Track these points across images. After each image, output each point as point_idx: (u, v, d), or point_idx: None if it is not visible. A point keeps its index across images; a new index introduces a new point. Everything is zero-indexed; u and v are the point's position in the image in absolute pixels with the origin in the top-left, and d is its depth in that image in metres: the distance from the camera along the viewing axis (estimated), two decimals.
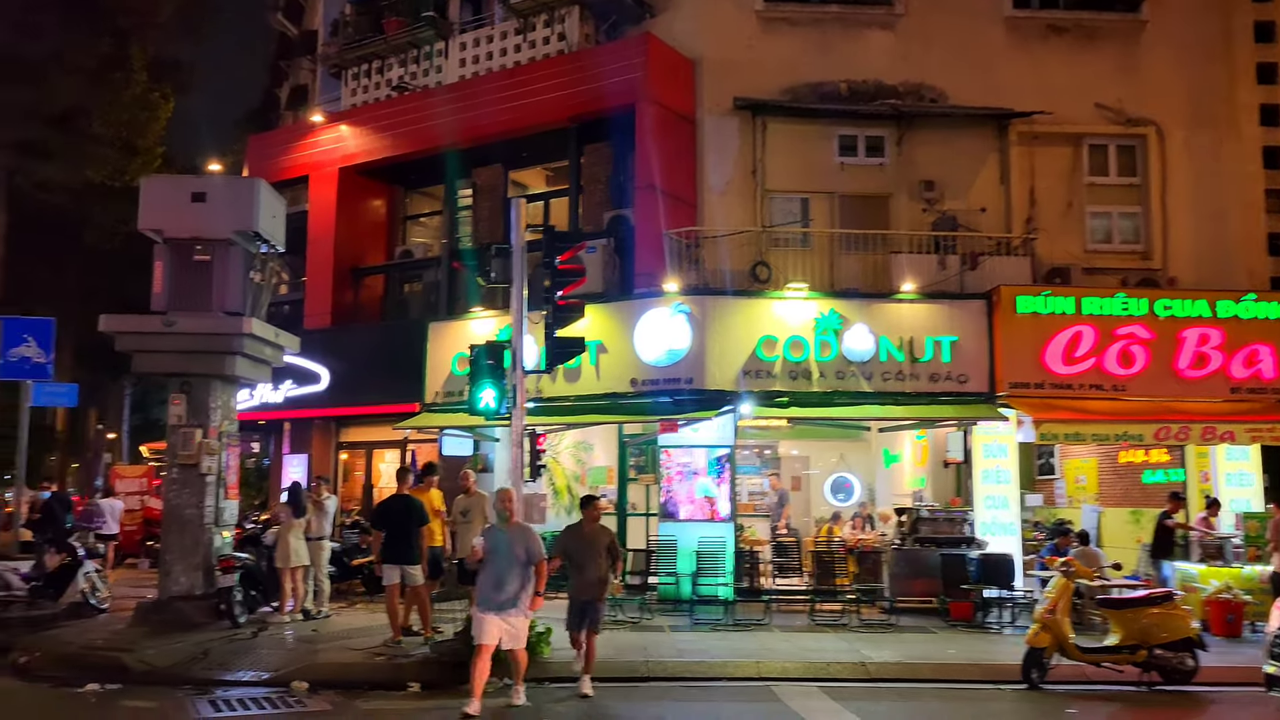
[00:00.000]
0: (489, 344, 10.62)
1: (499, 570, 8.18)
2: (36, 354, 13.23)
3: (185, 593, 12.10)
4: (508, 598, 8.15)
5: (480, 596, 8.27)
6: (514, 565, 8.19)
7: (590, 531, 9.30)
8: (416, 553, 11.18)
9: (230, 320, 12.31)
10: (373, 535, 11.87)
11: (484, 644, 8.06)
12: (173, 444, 12.50)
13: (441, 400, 15.81)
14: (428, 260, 17.84)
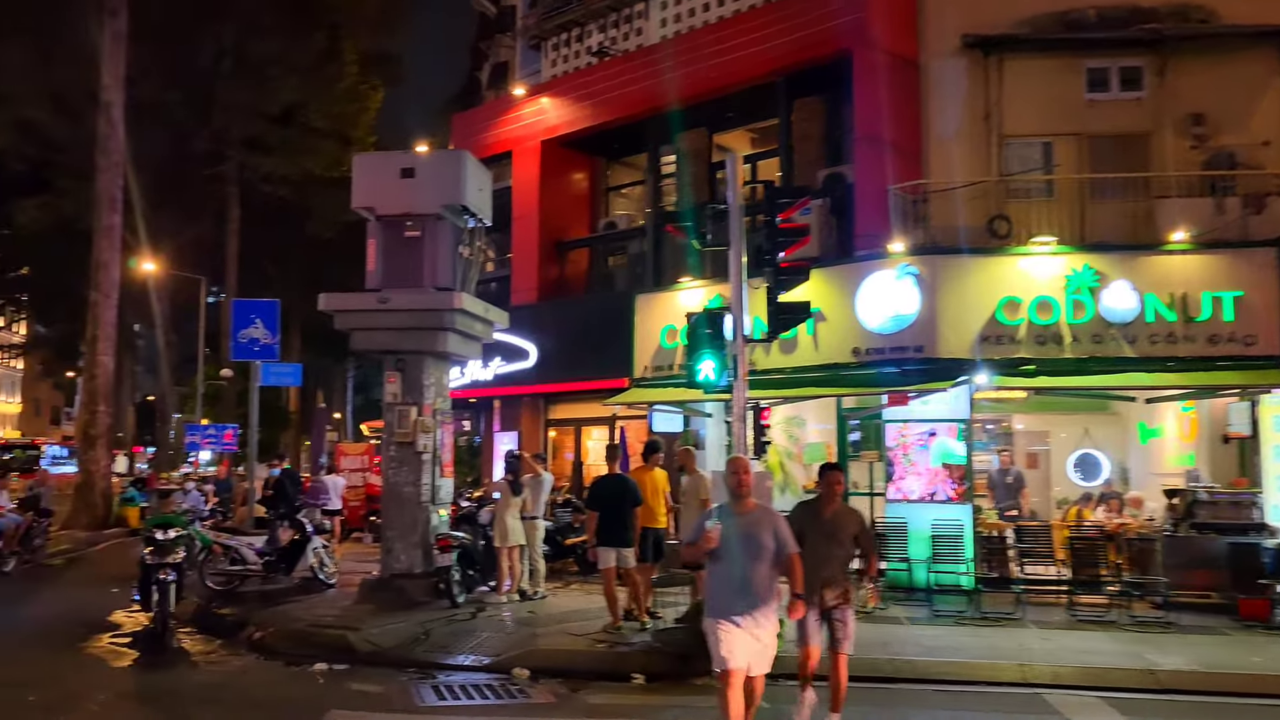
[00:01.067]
0: (708, 312, 9.86)
1: (737, 566, 6.05)
2: (264, 335, 13.57)
3: (405, 570, 12.07)
4: (753, 602, 6.02)
5: (713, 602, 6.19)
6: (757, 558, 6.05)
7: (833, 514, 7.15)
8: (630, 534, 10.64)
9: (441, 296, 12.13)
10: (586, 515, 11.44)
11: (733, 669, 5.95)
12: (389, 422, 12.49)
13: (651, 375, 15.24)
14: (632, 231, 17.31)
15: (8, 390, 72.26)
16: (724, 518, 6.18)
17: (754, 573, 6.05)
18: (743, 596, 6.01)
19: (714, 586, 6.21)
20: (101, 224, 23.97)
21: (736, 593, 6.03)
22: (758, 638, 6.04)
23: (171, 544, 10.67)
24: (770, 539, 6.11)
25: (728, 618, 5.99)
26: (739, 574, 6.04)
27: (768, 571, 6.11)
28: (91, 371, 23.60)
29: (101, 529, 22.64)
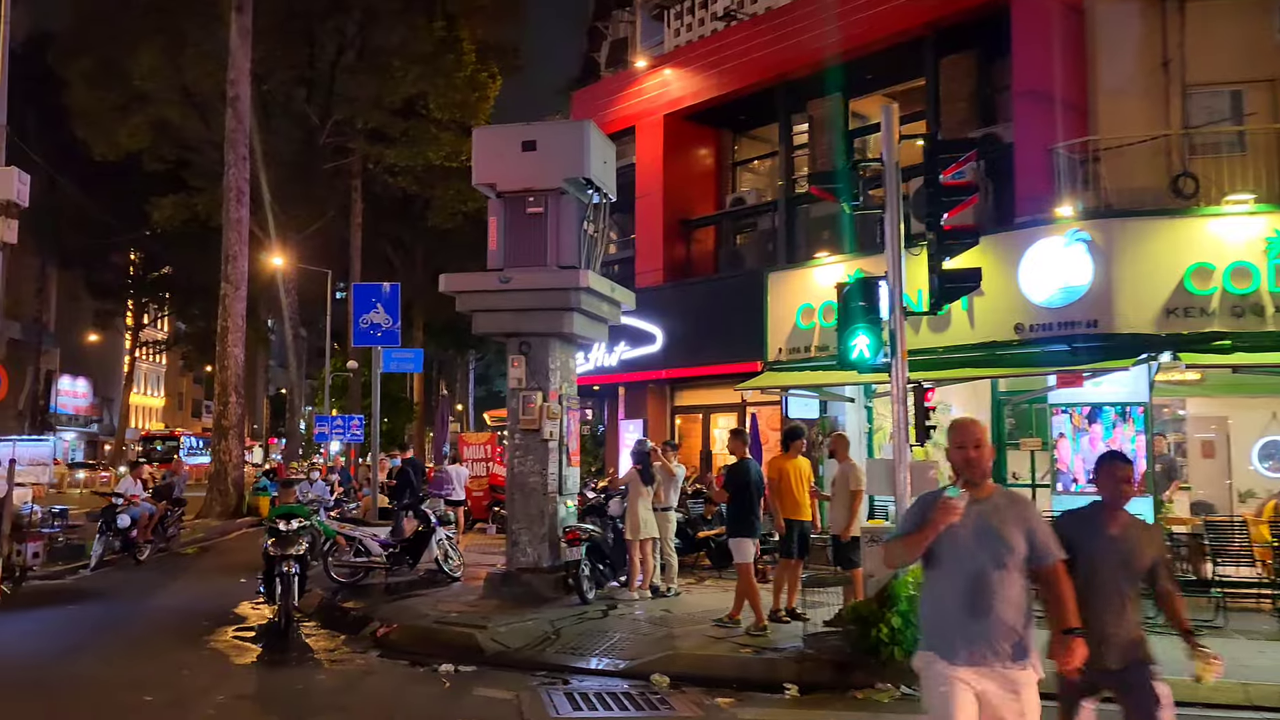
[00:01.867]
0: (862, 281, 8.85)
1: (968, 573, 3.89)
2: (385, 320, 13.17)
3: (532, 565, 11.47)
4: (996, 633, 3.84)
5: (931, 628, 4.06)
6: (1002, 564, 3.87)
7: (1123, 528, 4.41)
8: (758, 525, 9.82)
9: (566, 274, 11.45)
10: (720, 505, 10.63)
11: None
12: (513, 409, 11.90)
13: (785, 358, 14.27)
14: (761, 206, 16.34)
15: (153, 385, 75.79)
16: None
17: (998, 586, 3.83)
18: (977, 619, 3.83)
19: (931, 604, 4.07)
20: (230, 217, 24.31)
21: (967, 614, 3.85)
22: (1006, 697, 3.83)
23: (294, 535, 10.31)
24: (1021, 537, 3.89)
25: (953, 657, 3.86)
26: (972, 586, 3.85)
27: (1019, 586, 3.89)
28: (223, 363, 23.98)
29: (234, 518, 22.98)
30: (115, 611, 11.42)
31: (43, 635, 10.04)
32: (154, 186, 34.49)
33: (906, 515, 4.11)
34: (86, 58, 30.02)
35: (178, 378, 77.89)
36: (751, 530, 9.82)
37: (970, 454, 3.98)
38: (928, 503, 4.00)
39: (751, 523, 9.84)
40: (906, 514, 4.11)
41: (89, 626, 10.55)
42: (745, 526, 9.81)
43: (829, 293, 13.55)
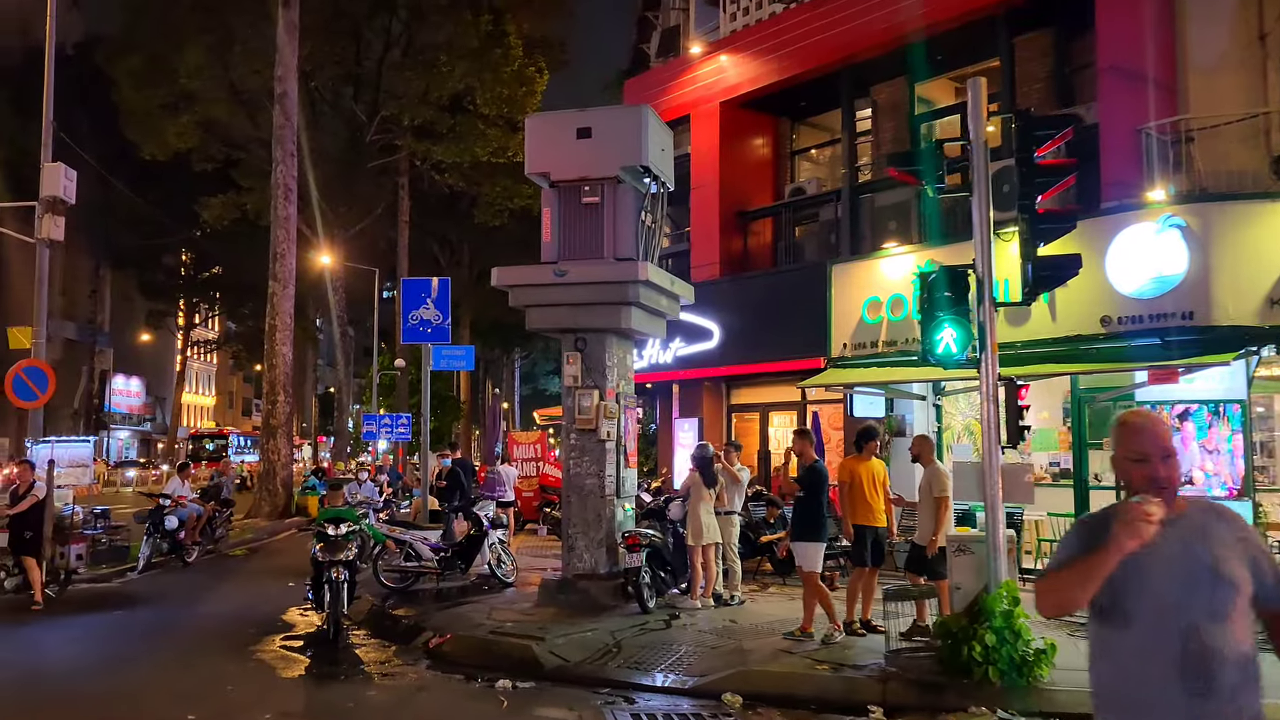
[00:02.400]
0: (948, 270, 8.22)
1: (1182, 634, 2.59)
2: (435, 316, 12.72)
3: (589, 571, 10.97)
4: (1217, 707, 2.57)
5: (1115, 707, 2.73)
6: (1219, 607, 2.61)
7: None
8: (824, 529, 9.22)
9: (623, 266, 10.91)
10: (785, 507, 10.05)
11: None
12: (568, 407, 11.40)
13: (850, 353, 13.60)
14: (823, 196, 15.67)
15: (204, 384, 76.70)
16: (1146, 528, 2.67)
17: (1221, 645, 2.59)
18: (1194, 699, 2.57)
19: (1113, 673, 2.74)
20: (278, 215, 24.13)
21: (1179, 692, 2.58)
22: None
23: (343, 540, 9.89)
24: (1244, 569, 2.66)
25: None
26: (1183, 650, 2.58)
27: (1249, 643, 2.63)
28: (271, 361, 23.80)
29: (283, 518, 22.77)
30: (160, 618, 11.09)
31: (85, 642, 9.73)
32: (203, 186, 34.62)
33: (1066, 540, 2.92)
34: (134, 56, 30.08)
35: (228, 377, 78.75)
36: (821, 535, 9.28)
37: (1158, 469, 2.71)
38: (1099, 521, 2.76)
39: (823, 527, 9.31)
40: (1065, 539, 2.92)
41: (133, 634, 10.22)
42: (816, 530, 9.25)
43: (897, 285, 12.91)
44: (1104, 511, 2.82)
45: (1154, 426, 2.84)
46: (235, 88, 30.37)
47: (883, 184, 14.34)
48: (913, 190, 13.97)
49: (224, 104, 30.51)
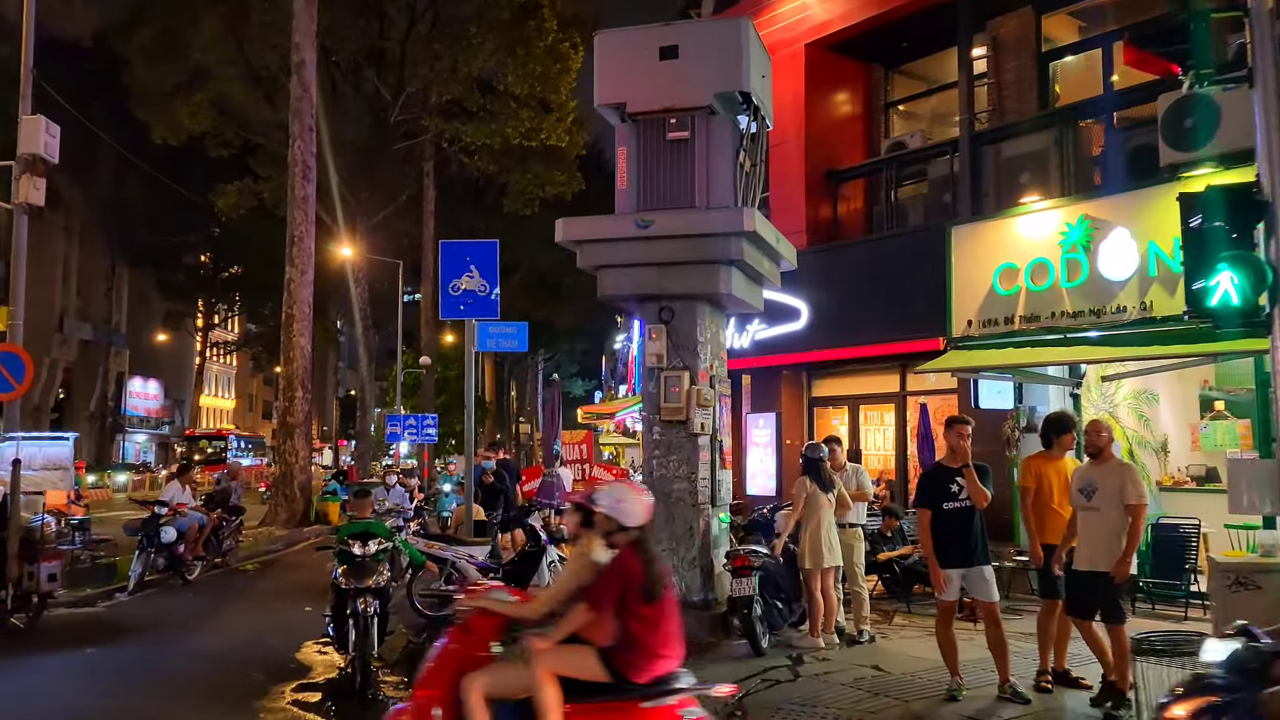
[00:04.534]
0: (1224, 189, 5.90)
1: None
2: (480, 286, 10.51)
3: (680, 598, 8.67)
4: None
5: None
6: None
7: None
8: (983, 549, 6.87)
9: (724, 215, 8.69)
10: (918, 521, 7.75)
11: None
12: (650, 394, 9.17)
13: (978, 332, 11.31)
14: (930, 150, 13.36)
15: (223, 387, 75.04)
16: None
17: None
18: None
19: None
20: (295, 194, 22.07)
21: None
22: None
23: (372, 561, 7.69)
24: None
25: None
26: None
27: None
28: (289, 354, 21.70)
29: (300, 526, 20.68)
30: (144, 656, 8.91)
31: (44, 695, 7.55)
32: (221, 177, 32.75)
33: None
34: (145, 31, 28.22)
35: (248, 379, 77.11)
36: (955, 557, 6.90)
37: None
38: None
39: (960, 547, 6.91)
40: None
41: (104, 679, 8.03)
42: (947, 552, 6.93)
43: (1040, 247, 10.63)
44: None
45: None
46: (250, 64, 28.43)
47: (1009, 131, 12.03)
48: (1051, 134, 11.68)
49: (238, 83, 28.57)
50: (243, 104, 29.37)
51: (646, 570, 4.31)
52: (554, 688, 4.20)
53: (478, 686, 4.32)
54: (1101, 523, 6.82)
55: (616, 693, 4.27)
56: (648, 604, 4.26)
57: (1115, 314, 10.01)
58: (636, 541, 4.39)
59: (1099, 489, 7.04)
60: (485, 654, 4.54)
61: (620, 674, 4.25)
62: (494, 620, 4.65)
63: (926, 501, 7.04)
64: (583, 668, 4.27)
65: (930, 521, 6.97)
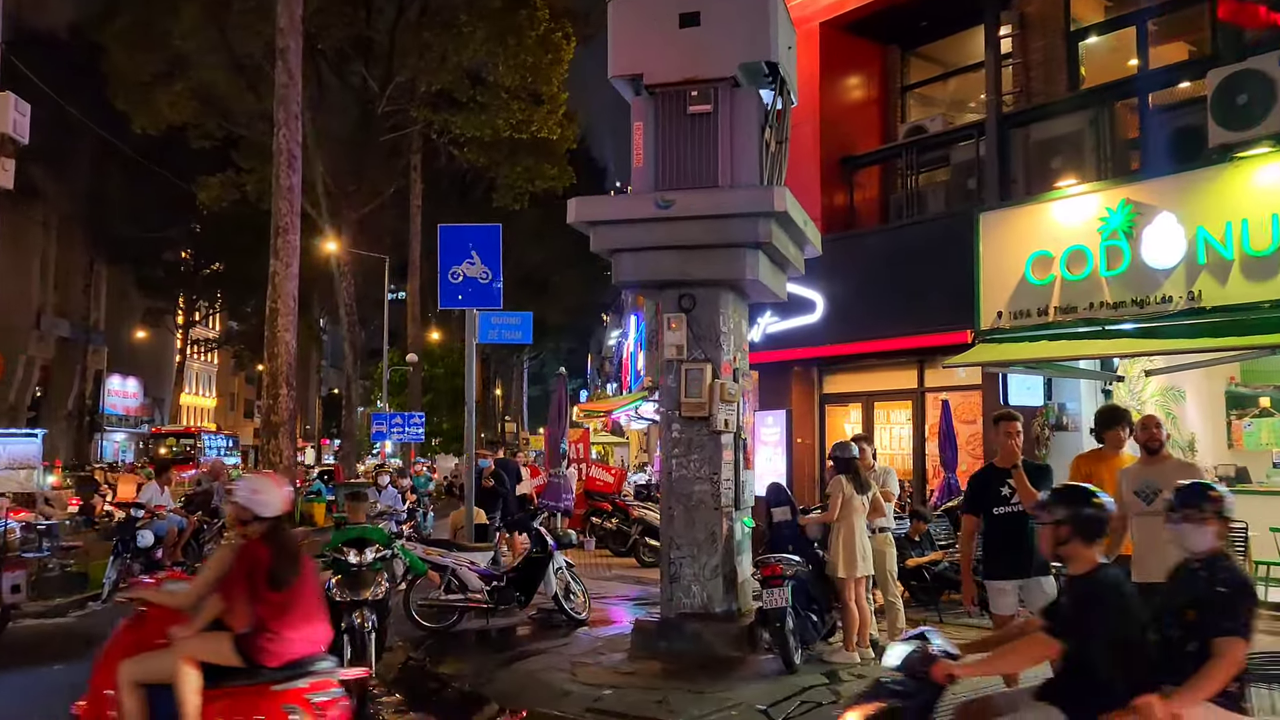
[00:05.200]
0: None
1: None
2: (482, 273, 9.82)
3: (700, 609, 8.09)
4: None
5: None
6: None
7: None
8: (1039, 557, 6.21)
9: (751, 194, 8.02)
10: (962, 527, 7.10)
11: None
12: (669, 389, 8.49)
13: (1008, 324, 10.68)
14: (952, 134, 12.72)
15: (204, 385, 73.88)
16: None
17: None
18: None
19: None
20: (280, 185, 21.17)
21: None
22: None
23: (369, 571, 7.01)
24: None
25: None
26: None
27: None
28: (272, 350, 20.80)
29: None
30: None
31: None
32: (203, 172, 31.90)
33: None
34: (124, 17, 27.31)
35: (229, 377, 75.95)
36: (1006, 567, 6.18)
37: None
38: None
39: (1012, 555, 6.18)
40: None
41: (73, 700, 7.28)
42: (997, 562, 6.26)
43: (1076, 234, 10.02)
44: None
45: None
46: (233, 53, 27.61)
47: (1040, 112, 11.41)
48: (1085, 116, 11.08)
49: (221, 71, 27.76)
50: (225, 93, 28.55)
51: (275, 558, 4.49)
52: (192, 672, 4.40)
53: (129, 672, 4.53)
54: (1144, 529, 6.20)
55: (248, 676, 4.48)
56: (276, 590, 4.46)
57: (1160, 304, 9.40)
58: (269, 531, 4.58)
59: (1161, 491, 6.41)
60: (163, 642, 4.63)
61: (251, 659, 4.45)
62: (168, 611, 4.75)
63: (974, 506, 6.39)
64: (216, 653, 4.47)
65: (979, 528, 6.33)
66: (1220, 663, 3.34)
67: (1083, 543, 3.64)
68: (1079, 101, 10.98)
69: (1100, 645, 3.44)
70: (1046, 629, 3.61)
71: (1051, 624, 3.63)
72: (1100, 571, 3.65)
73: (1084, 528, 3.64)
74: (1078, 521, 3.63)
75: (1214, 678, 3.32)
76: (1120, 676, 3.38)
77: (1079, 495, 3.77)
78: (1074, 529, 3.63)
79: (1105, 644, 3.43)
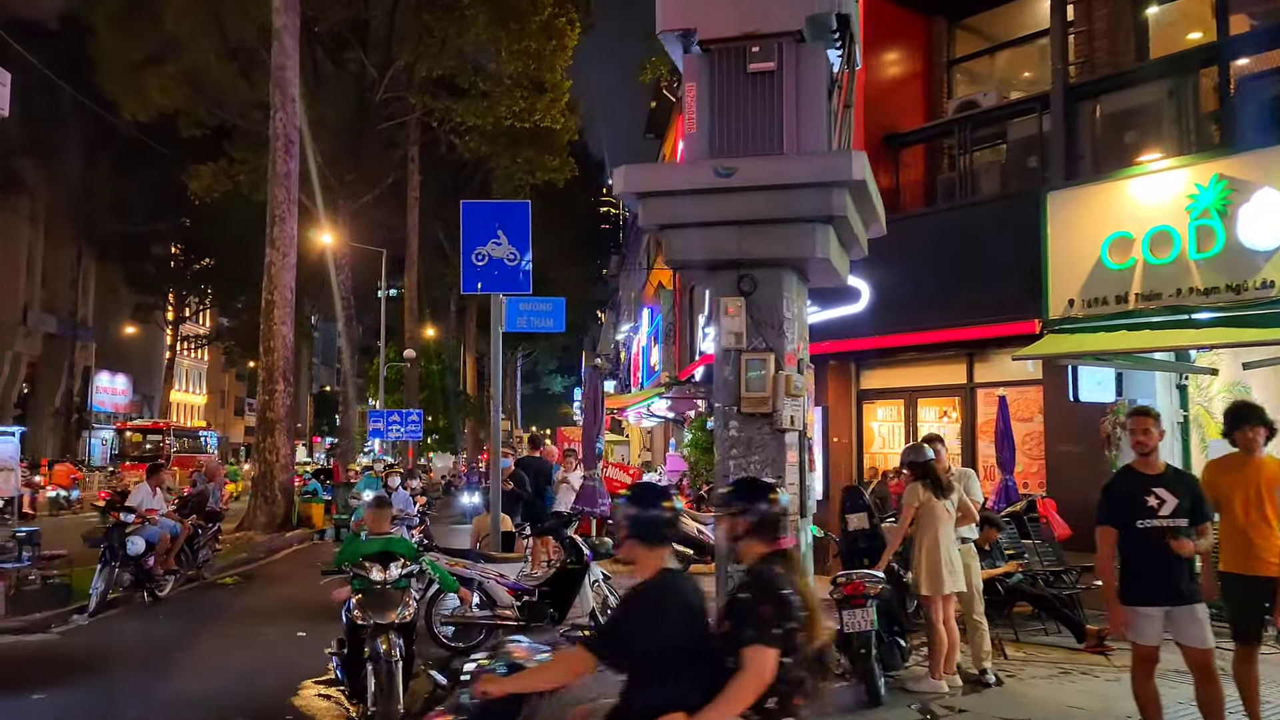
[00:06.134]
0: None
1: None
2: (509, 254, 8.87)
3: None
4: None
5: None
6: None
7: None
8: (1191, 580, 5.32)
9: (825, 161, 7.09)
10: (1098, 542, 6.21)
11: None
12: (725, 381, 7.54)
13: (1081, 312, 9.81)
14: (1006, 109, 11.83)
15: (194, 382, 72.69)
16: None
17: None
18: None
19: None
20: (277, 171, 20.27)
21: None
22: None
23: (396, 589, 6.09)
24: None
25: None
26: None
27: None
28: (268, 343, 19.90)
29: (282, 530, 18.95)
30: (105, 700, 7.20)
31: None
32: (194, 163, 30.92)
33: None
34: None
35: (220, 374, 74.80)
36: (1152, 591, 5.32)
37: None
38: None
39: (1159, 577, 5.33)
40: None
41: None
42: (1138, 585, 5.36)
43: (1161, 213, 9.16)
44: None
45: None
46: (226, 37, 26.67)
47: (1111, 83, 10.53)
48: (1163, 86, 10.19)
49: (213, 55, 26.79)
50: (218, 79, 27.59)
51: None
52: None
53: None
54: None
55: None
56: None
57: (1259, 289, 8.55)
58: None
59: None
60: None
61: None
62: None
63: (1114, 517, 5.48)
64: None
65: (1119, 544, 5.43)
66: (745, 675, 3.00)
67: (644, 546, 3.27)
68: (1157, 70, 10.10)
69: (633, 658, 3.17)
70: (583, 641, 3.37)
71: (590, 636, 3.43)
72: (657, 578, 3.23)
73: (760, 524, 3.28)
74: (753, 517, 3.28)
75: (739, 692, 2.99)
76: (659, 694, 3.07)
77: (756, 489, 3.45)
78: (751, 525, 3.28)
79: (638, 657, 3.15)
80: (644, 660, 3.14)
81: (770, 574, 3.19)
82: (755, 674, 2.97)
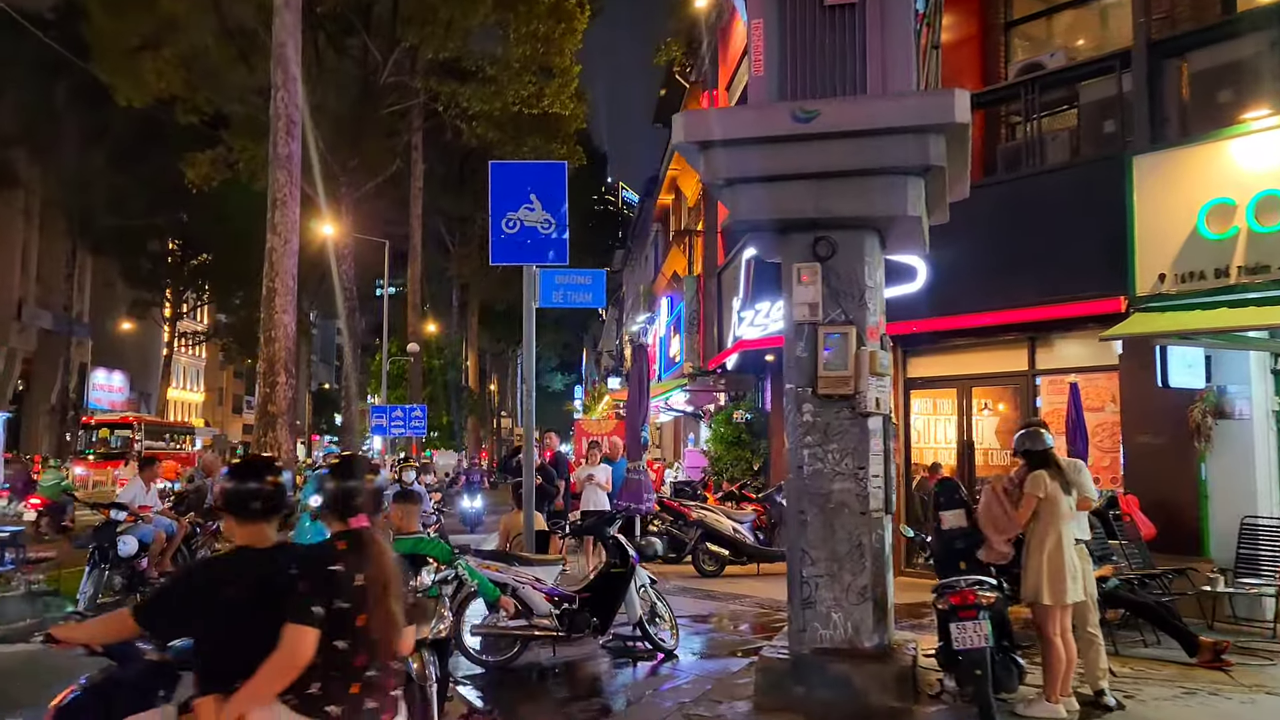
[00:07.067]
0: None
1: None
2: (543, 221, 7.92)
3: (845, 643, 6.25)
4: None
5: None
6: None
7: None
8: None
9: (924, 101, 6.18)
10: None
11: None
12: (799, 361, 6.62)
13: (1174, 288, 8.88)
14: (1077, 70, 10.84)
15: (192, 380, 71.71)
16: None
17: None
18: None
19: None
20: (278, 153, 19.18)
21: None
22: None
23: (428, 598, 5.14)
24: None
25: None
26: None
27: None
28: (269, 333, 18.83)
29: (284, 530, 17.96)
30: None
31: None
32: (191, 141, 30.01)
33: None
34: None
35: (217, 372, 73.81)
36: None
37: None
38: None
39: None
40: None
41: None
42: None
43: (1270, 177, 8.21)
44: None
45: None
46: (225, 18, 25.67)
47: (1200, 38, 9.56)
48: (1264, 36, 9.23)
49: (212, 37, 25.79)
50: (216, 62, 26.57)
51: None
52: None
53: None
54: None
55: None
56: None
57: None
58: None
59: None
60: None
61: None
62: None
63: None
64: None
65: None
66: (278, 654, 2.85)
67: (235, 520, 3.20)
68: (1255, 21, 9.15)
69: (180, 633, 3.24)
70: (131, 608, 3.19)
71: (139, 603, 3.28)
72: (232, 553, 3.20)
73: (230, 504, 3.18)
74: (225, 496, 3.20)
75: (271, 672, 2.85)
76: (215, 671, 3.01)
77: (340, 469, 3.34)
78: None
79: (187, 632, 3.18)
80: (197, 636, 3.09)
81: (323, 551, 3.05)
82: (288, 653, 2.83)
